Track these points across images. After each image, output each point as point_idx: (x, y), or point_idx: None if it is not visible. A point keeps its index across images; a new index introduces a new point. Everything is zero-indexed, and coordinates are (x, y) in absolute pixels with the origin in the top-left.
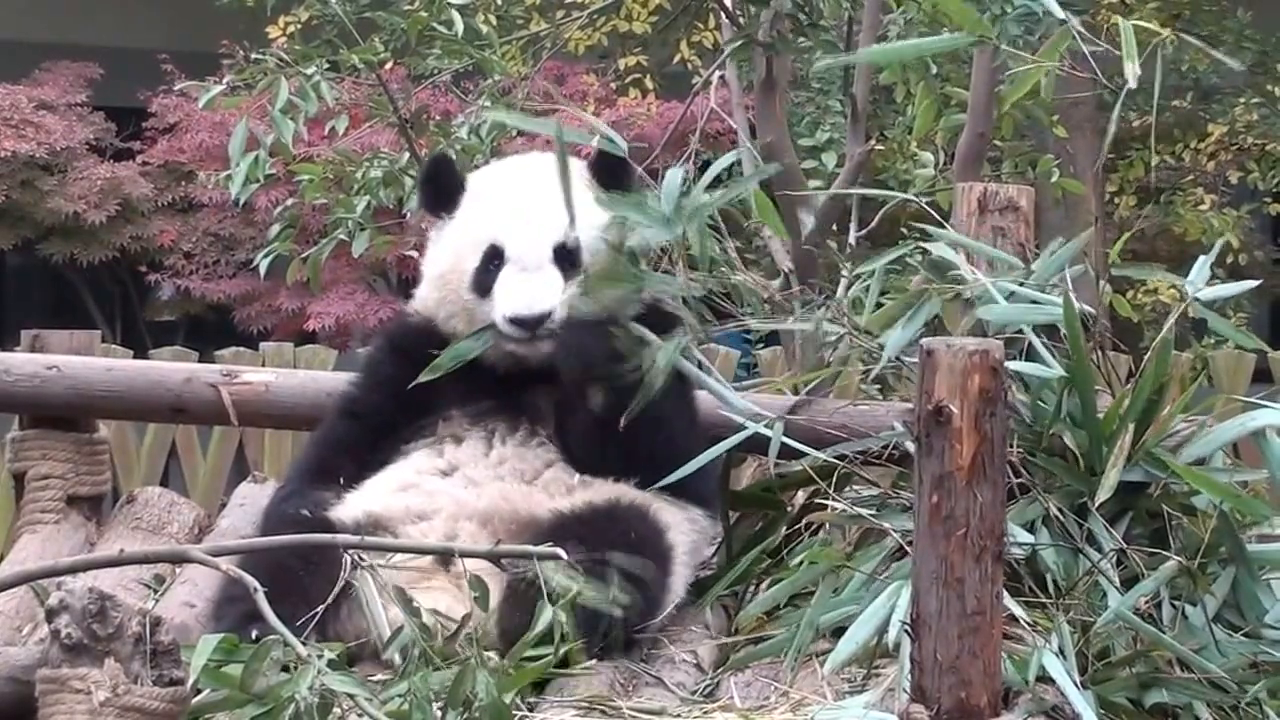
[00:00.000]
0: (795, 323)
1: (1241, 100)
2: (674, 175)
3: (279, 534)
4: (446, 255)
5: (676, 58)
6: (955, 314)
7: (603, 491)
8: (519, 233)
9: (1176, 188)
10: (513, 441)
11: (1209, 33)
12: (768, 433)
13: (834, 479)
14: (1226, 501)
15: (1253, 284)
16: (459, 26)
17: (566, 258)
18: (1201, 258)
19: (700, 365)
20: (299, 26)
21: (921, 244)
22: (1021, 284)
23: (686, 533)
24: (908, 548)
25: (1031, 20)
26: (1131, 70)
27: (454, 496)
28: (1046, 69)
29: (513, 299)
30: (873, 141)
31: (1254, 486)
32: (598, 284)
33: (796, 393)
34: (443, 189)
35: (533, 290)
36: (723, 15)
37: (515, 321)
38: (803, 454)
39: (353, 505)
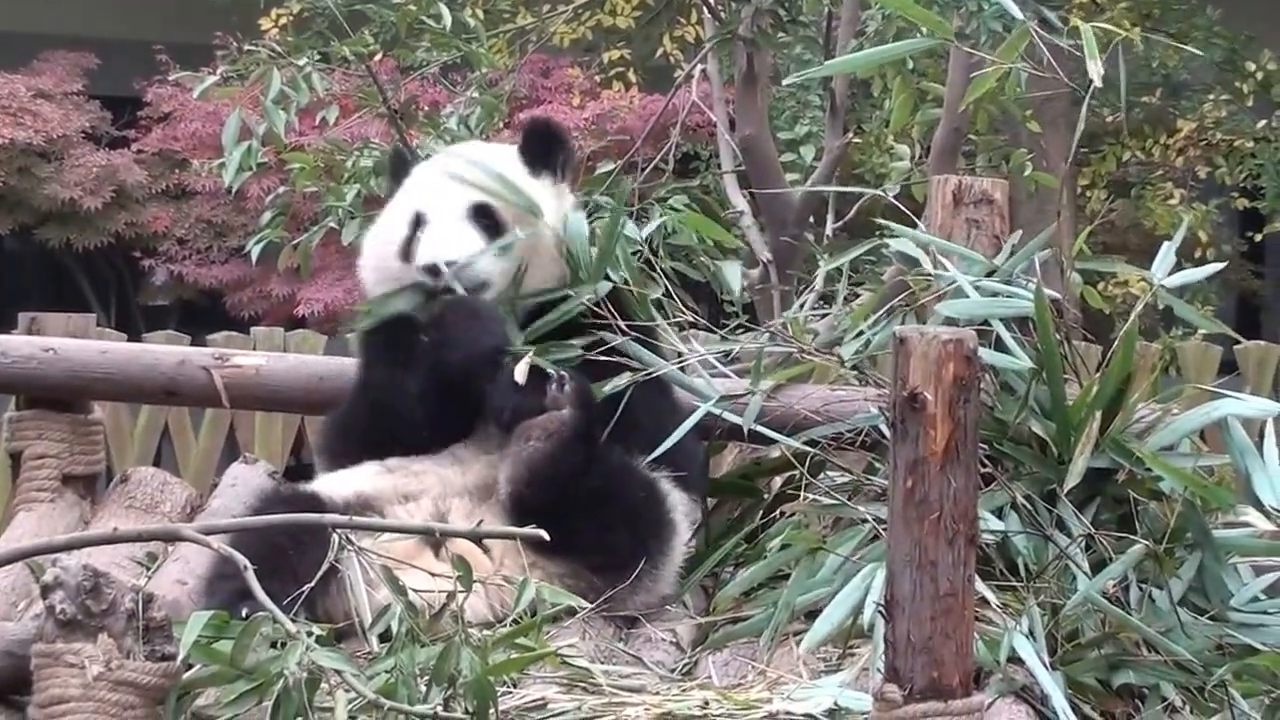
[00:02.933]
0: (744, 343)
1: (1210, 97)
2: (579, 222)
3: (270, 511)
4: (379, 230)
5: (659, 52)
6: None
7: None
8: (437, 195)
9: (1146, 182)
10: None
11: (1178, 30)
12: (735, 419)
13: (807, 465)
14: (1190, 489)
15: (1217, 268)
16: (447, 20)
17: (484, 216)
18: (1165, 244)
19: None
20: (291, 19)
21: (886, 239)
22: (988, 275)
23: (682, 509)
24: (881, 532)
25: (1009, 19)
26: (1095, 69)
27: (440, 476)
28: (1007, 67)
29: (424, 249)
30: (850, 135)
31: (1220, 473)
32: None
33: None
34: (395, 177)
35: (443, 240)
36: (705, 10)
37: (425, 269)
38: (777, 440)
39: (343, 484)
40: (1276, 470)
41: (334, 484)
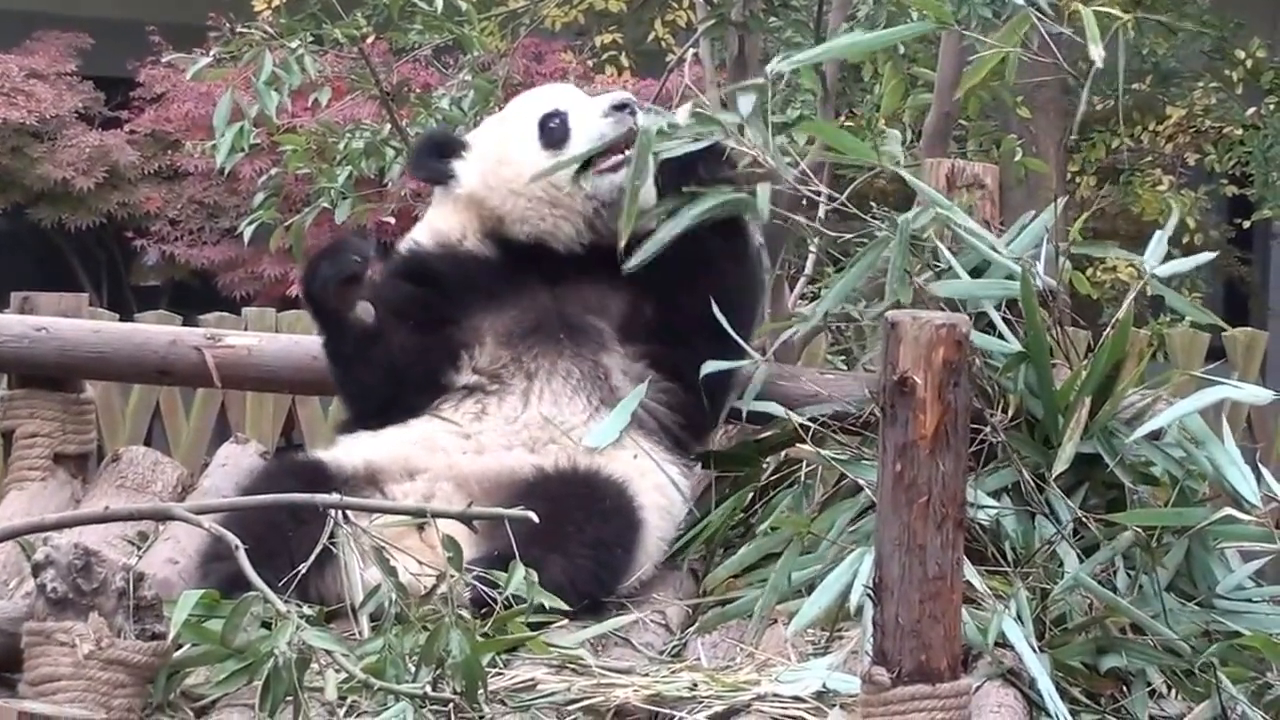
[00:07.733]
0: None
1: (1199, 84)
2: None
3: (276, 480)
4: (495, 148)
5: (651, 36)
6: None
7: (591, 458)
8: (572, 98)
9: (1135, 169)
10: (550, 389)
11: (1168, 18)
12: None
13: (810, 432)
14: (1165, 521)
15: (1208, 257)
16: (439, 2)
17: None
18: (1157, 233)
19: None
20: (283, 0)
21: (894, 215)
22: (998, 251)
23: (671, 494)
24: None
25: (998, 5)
26: (1097, 52)
27: (450, 459)
28: (1006, 52)
29: (609, 97)
30: (841, 118)
31: (1197, 471)
32: None
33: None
34: (446, 148)
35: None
36: None
37: (617, 106)
38: (774, 417)
39: (356, 452)
40: (1243, 463)
41: (348, 450)
